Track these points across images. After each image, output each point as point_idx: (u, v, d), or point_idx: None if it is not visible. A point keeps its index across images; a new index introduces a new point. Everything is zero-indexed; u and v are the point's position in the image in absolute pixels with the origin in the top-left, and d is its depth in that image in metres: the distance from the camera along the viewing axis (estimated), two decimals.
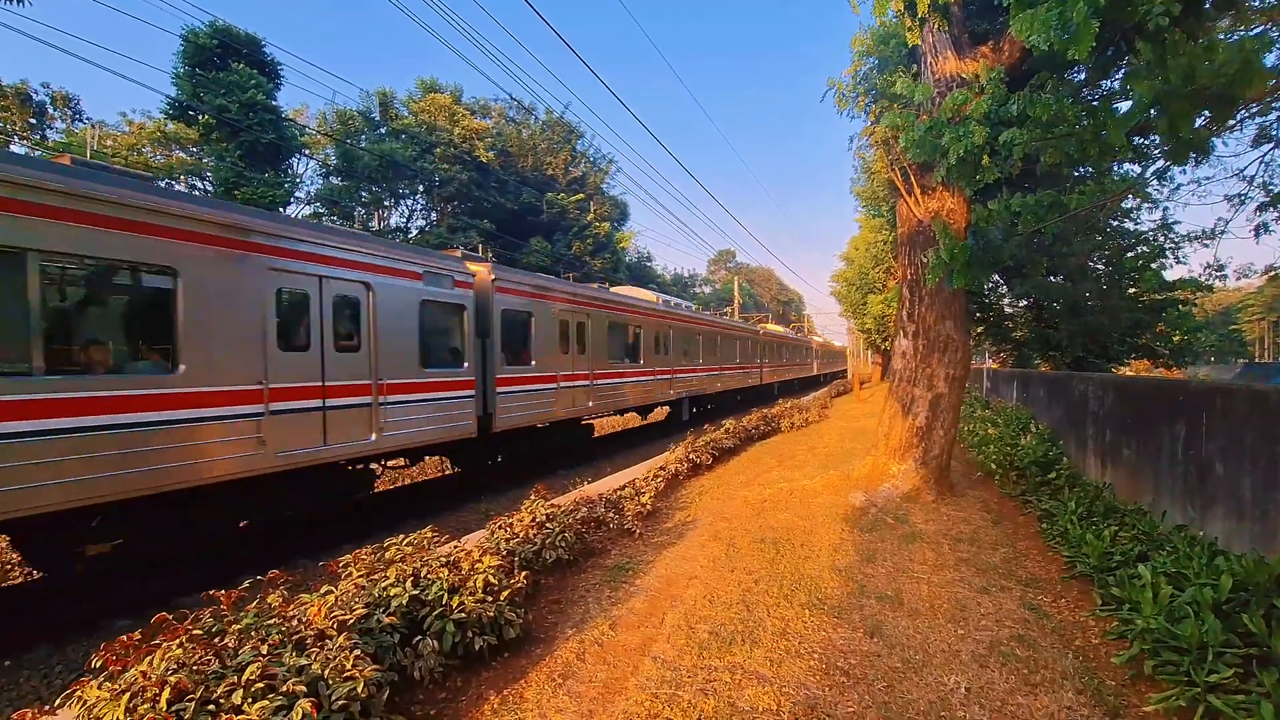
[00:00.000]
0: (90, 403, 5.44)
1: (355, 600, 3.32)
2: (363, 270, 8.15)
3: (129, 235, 5.75)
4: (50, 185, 5.21)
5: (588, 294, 14.38)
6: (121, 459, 5.63)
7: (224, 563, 7.36)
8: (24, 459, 5.02)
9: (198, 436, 6.25)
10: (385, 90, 35.70)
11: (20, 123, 30.85)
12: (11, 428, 4.95)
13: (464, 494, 11.11)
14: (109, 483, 5.56)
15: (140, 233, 5.84)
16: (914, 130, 5.29)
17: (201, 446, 6.28)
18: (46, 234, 5.20)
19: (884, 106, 8.95)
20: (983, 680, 3.58)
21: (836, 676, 3.56)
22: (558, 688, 3.48)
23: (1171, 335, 16.93)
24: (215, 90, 24.30)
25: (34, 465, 5.08)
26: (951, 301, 8.01)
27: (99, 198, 5.52)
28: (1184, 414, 5.87)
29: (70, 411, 5.32)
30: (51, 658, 5.51)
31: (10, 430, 4.94)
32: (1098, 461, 8.24)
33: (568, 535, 5.39)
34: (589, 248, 39.30)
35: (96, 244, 5.54)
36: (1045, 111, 4.76)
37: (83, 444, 5.37)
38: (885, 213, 26.52)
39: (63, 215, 5.30)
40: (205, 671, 2.55)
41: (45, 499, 5.16)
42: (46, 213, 5.20)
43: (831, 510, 7.22)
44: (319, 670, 2.65)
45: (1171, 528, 5.61)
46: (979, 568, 5.49)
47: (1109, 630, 4.15)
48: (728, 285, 75.23)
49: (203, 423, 6.29)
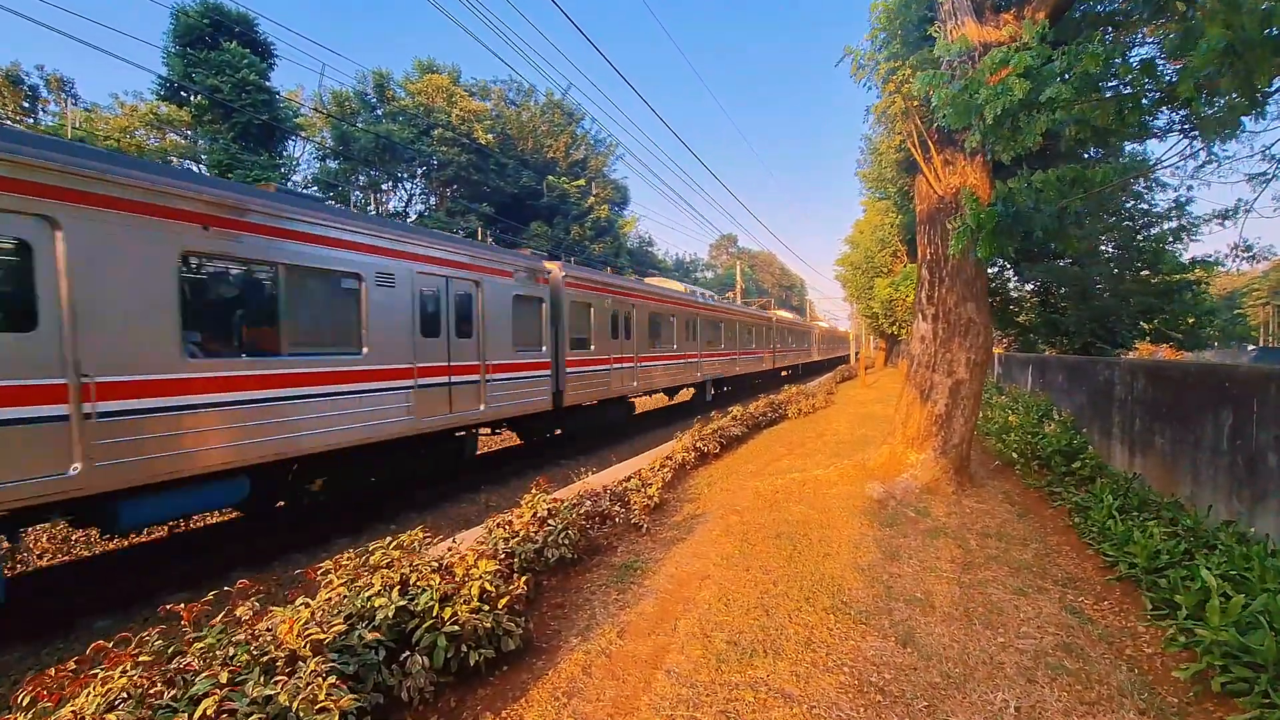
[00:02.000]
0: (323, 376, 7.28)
1: (334, 614, 2.95)
2: (474, 270, 9.75)
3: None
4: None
5: (633, 287, 16.07)
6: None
7: (215, 556, 7.08)
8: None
9: (379, 403, 7.96)
10: (382, 71, 34.94)
11: (13, 105, 30.21)
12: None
13: (529, 461, 12.57)
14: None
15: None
16: (946, 89, 4.84)
17: (381, 410, 8.00)
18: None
19: (905, 77, 8.47)
20: (1033, 698, 3.23)
21: (871, 695, 3.21)
22: (562, 708, 3.13)
23: (1185, 318, 16.45)
24: (207, 70, 23.68)
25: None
26: (973, 282, 7.59)
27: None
28: (1231, 401, 5.47)
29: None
30: (25, 661, 5.19)
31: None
32: (1125, 450, 7.86)
33: (571, 532, 5.03)
34: (589, 232, 38.70)
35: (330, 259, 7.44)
36: (1094, 63, 4.31)
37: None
38: (892, 194, 25.97)
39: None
40: (154, 705, 2.19)
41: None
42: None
43: (848, 502, 6.86)
44: (286, 701, 2.29)
45: (1217, 524, 5.24)
46: (1011, 566, 5.13)
47: (1167, 640, 3.79)
48: (730, 270, 74.59)
49: (380, 393, 7.97)
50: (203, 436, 6.03)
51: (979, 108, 4.58)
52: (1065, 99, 4.47)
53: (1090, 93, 4.97)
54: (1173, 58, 5.55)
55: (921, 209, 8.08)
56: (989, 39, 7.00)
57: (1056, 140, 9.13)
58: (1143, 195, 15.52)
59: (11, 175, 4.71)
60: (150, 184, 5.62)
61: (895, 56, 8.58)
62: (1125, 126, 5.53)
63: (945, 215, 7.58)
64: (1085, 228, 14.06)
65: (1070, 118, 5.21)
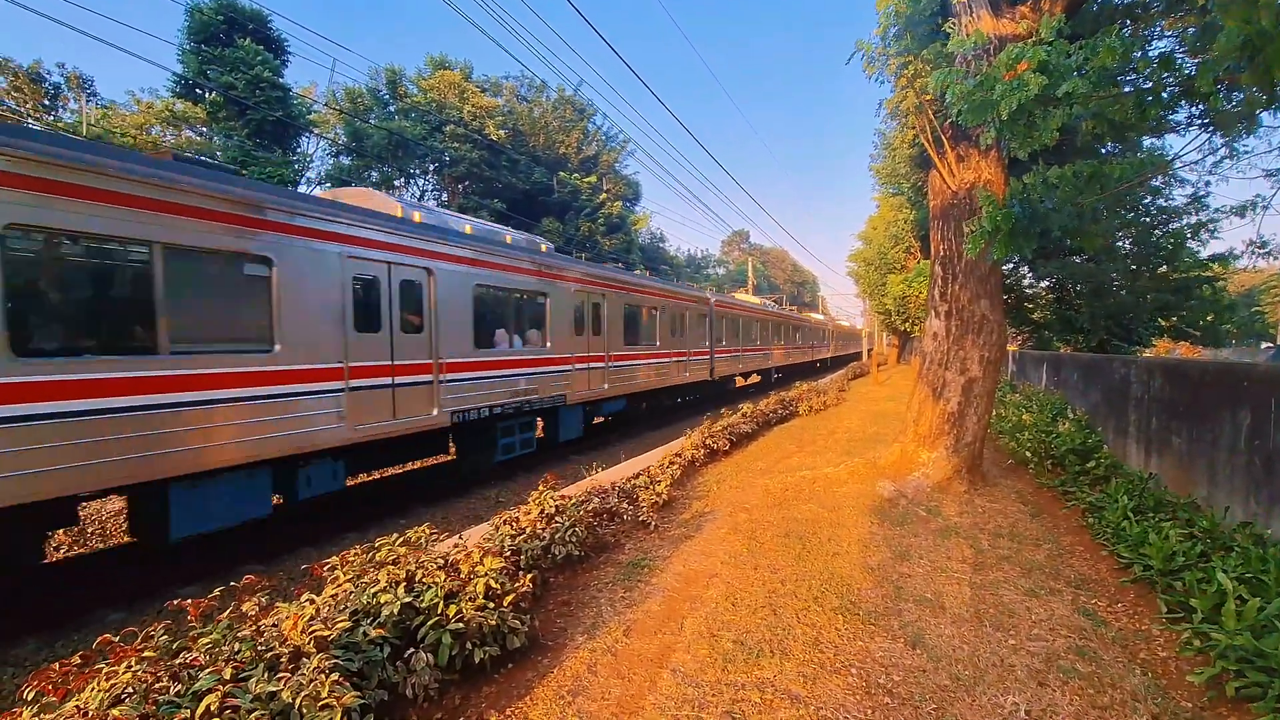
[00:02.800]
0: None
1: (339, 610, 2.96)
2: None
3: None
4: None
5: (753, 305, 20.78)
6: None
7: (226, 550, 7.14)
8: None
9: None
10: (394, 67, 35.03)
11: (33, 103, 30.62)
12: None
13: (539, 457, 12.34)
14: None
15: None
16: (961, 85, 4.75)
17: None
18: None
19: (917, 70, 8.37)
20: (1044, 701, 3.18)
21: (879, 697, 3.17)
22: (566, 706, 3.12)
23: (1203, 315, 16.14)
24: (222, 67, 23.86)
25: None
26: (987, 279, 7.49)
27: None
28: (1249, 400, 5.36)
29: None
30: (40, 653, 5.27)
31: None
32: (1141, 450, 7.73)
33: (578, 529, 5.02)
34: (601, 228, 38.65)
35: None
36: (1111, 57, 4.21)
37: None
38: (906, 190, 25.73)
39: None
40: (158, 701, 2.21)
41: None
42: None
43: (858, 501, 6.80)
44: (289, 698, 2.30)
45: (1234, 525, 5.13)
46: (1023, 567, 5.06)
47: (1182, 644, 3.72)
48: (741, 266, 74.27)
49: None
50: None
51: (994, 104, 4.49)
52: (1082, 94, 4.38)
53: (1108, 87, 4.87)
54: (1193, 52, 5.43)
55: (935, 204, 7.97)
56: (1005, 32, 6.89)
57: (1073, 135, 8.99)
58: (1161, 190, 15.24)
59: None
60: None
61: (907, 50, 8.46)
62: (1144, 121, 5.41)
63: (959, 211, 7.48)
64: (1103, 224, 13.83)
65: (1088, 112, 5.11)
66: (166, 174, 5.72)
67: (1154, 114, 5.38)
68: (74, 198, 5.04)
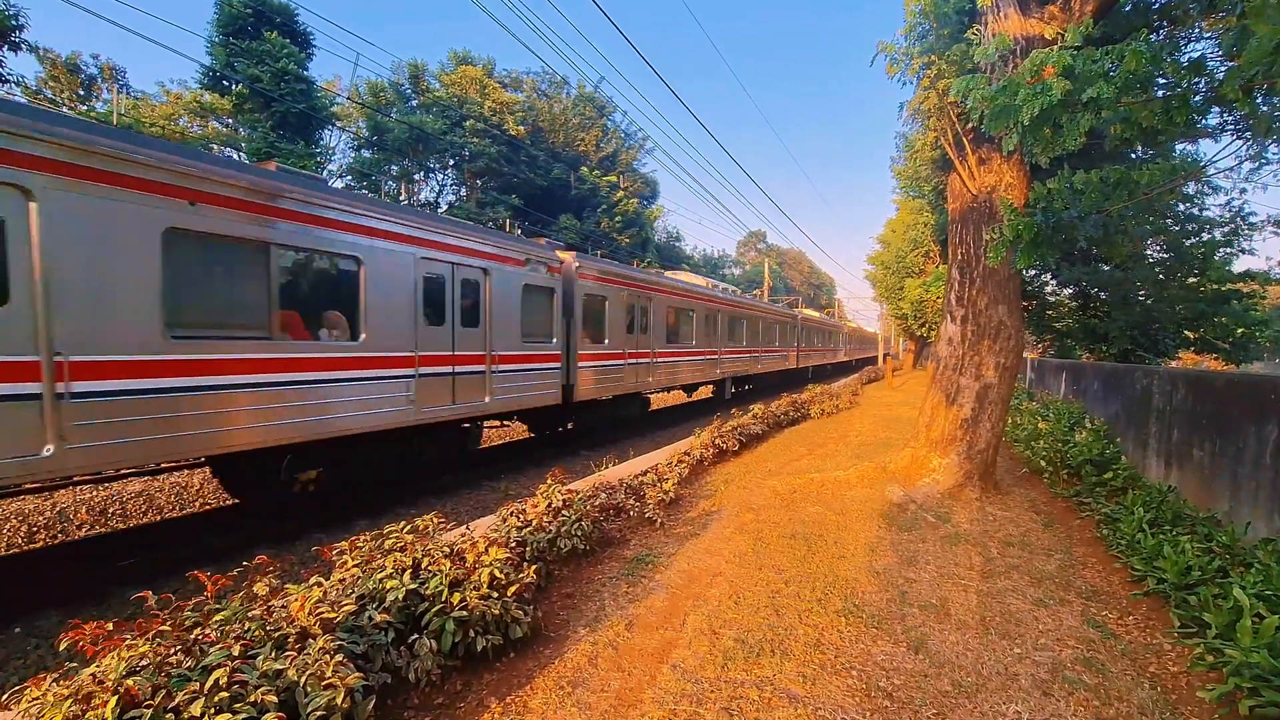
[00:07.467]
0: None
1: (346, 594, 3.01)
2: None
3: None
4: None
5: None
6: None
7: (240, 534, 7.28)
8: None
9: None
10: (417, 62, 35.36)
11: (69, 92, 31.36)
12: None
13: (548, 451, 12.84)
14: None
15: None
16: (983, 90, 4.69)
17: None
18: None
19: (939, 71, 8.26)
20: (1047, 711, 3.14)
21: (878, 700, 3.16)
22: (566, 697, 3.15)
23: (1234, 329, 15.74)
24: (248, 59, 24.26)
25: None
26: (1006, 285, 7.39)
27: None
28: (1277, 413, 5.24)
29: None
30: (61, 625, 5.41)
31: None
32: (1161, 462, 7.58)
33: (584, 523, 5.05)
34: (617, 225, 38.72)
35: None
36: (1138, 62, 4.13)
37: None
38: (926, 193, 25.42)
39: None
40: (169, 673, 2.27)
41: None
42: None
43: (866, 505, 6.76)
44: (295, 676, 2.35)
45: (1256, 541, 5.02)
46: (1032, 576, 5.00)
47: (1194, 660, 3.65)
48: (757, 267, 73.93)
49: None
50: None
51: (1016, 109, 4.43)
52: (1108, 98, 4.30)
53: (1137, 91, 4.78)
54: (1229, 56, 5.30)
55: (954, 207, 7.88)
56: (1032, 33, 6.78)
57: (1100, 140, 8.81)
58: (1193, 198, 14.88)
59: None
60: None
61: (931, 50, 8.37)
62: (1173, 126, 5.30)
63: (978, 214, 7.39)
64: (1131, 232, 13.54)
65: (1115, 116, 5.01)
66: (275, 183, 6.50)
67: (1183, 118, 5.26)
68: (215, 205, 5.91)
